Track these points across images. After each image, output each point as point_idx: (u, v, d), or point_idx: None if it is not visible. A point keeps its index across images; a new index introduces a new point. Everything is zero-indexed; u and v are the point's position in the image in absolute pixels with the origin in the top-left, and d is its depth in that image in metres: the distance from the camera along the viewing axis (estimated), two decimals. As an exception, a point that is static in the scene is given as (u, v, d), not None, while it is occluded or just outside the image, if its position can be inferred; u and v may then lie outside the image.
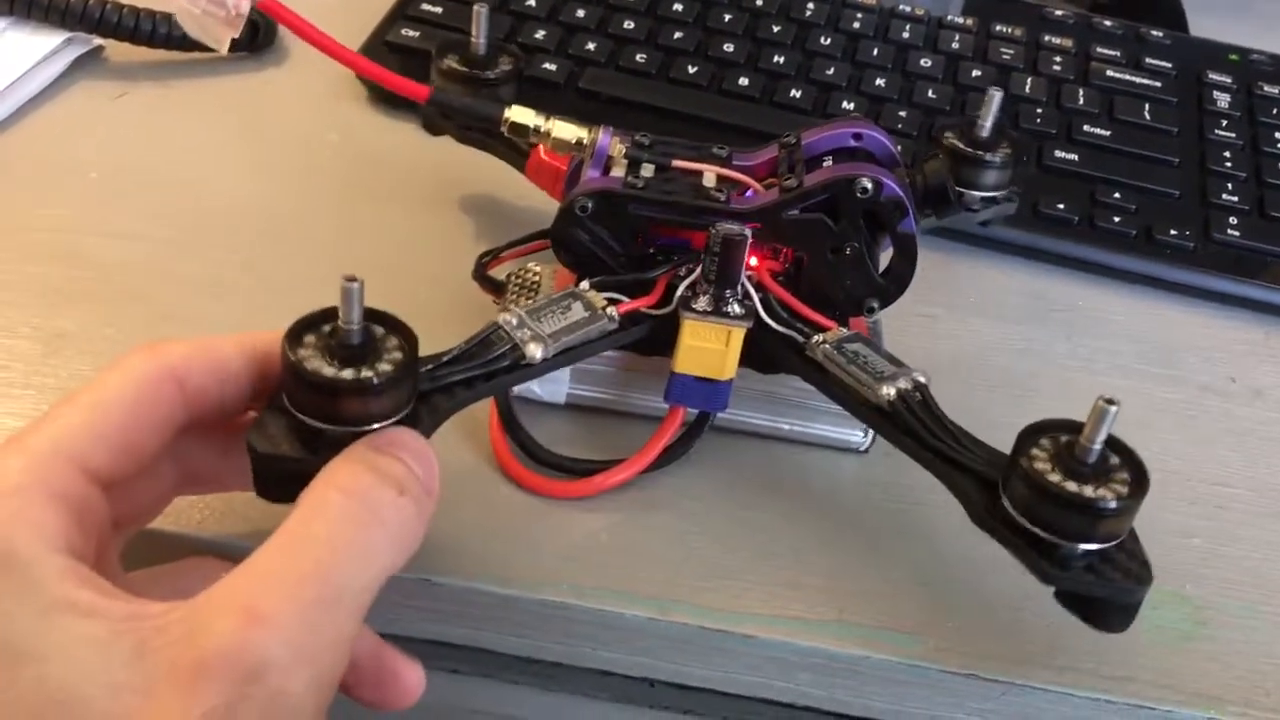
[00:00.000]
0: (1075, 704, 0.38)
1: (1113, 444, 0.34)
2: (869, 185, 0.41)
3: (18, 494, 0.29)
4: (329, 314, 0.33)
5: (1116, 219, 0.56)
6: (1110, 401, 0.33)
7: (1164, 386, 0.50)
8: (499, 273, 0.47)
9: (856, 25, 0.65)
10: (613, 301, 0.40)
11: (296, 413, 0.32)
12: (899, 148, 0.44)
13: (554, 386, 0.44)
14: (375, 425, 0.32)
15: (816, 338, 0.40)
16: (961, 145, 0.46)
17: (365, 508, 0.30)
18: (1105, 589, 0.34)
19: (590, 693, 0.45)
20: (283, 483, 0.32)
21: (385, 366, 0.32)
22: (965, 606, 0.40)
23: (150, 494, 0.35)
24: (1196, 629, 0.41)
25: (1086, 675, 0.39)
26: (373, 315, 0.33)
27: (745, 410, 0.44)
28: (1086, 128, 0.60)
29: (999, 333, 0.52)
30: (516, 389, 0.43)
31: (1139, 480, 0.34)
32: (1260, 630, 0.41)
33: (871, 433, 0.44)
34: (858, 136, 0.43)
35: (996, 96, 0.45)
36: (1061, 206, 0.56)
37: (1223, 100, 0.63)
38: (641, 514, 0.42)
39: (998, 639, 0.39)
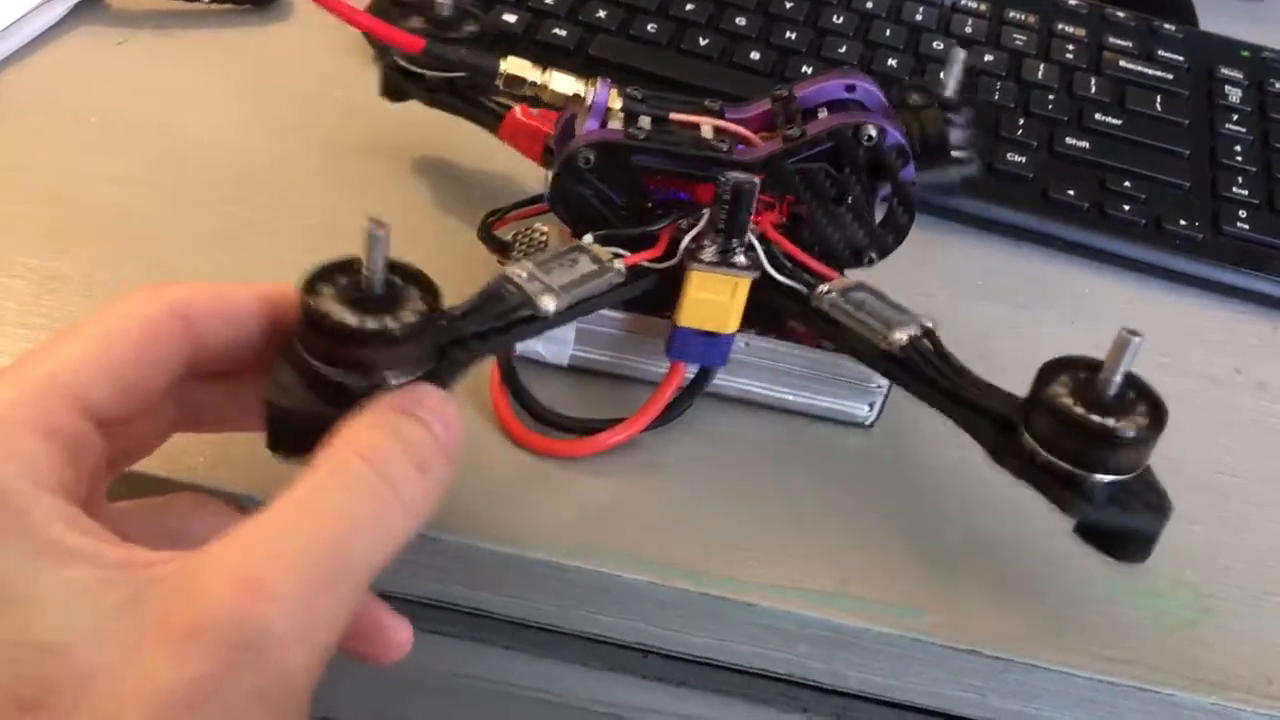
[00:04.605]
0: (1077, 684, 0.38)
1: (1130, 380, 0.34)
2: (873, 132, 0.41)
3: (9, 428, 0.28)
4: (345, 265, 0.31)
5: (1126, 208, 0.55)
6: (1133, 333, 0.32)
7: (1169, 376, 0.49)
8: (504, 233, 0.46)
9: (870, 5, 0.64)
10: (617, 255, 0.39)
11: (314, 363, 0.31)
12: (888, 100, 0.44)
13: (558, 348, 0.43)
14: (395, 380, 0.31)
15: (821, 288, 0.39)
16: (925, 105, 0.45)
17: (387, 483, 0.29)
18: (1130, 520, 0.34)
19: (583, 661, 0.45)
20: (298, 437, 0.30)
21: (409, 317, 0.31)
22: (969, 582, 0.40)
23: (149, 432, 0.33)
24: (1200, 615, 0.40)
25: (1089, 656, 0.38)
26: (391, 265, 0.31)
27: (751, 380, 0.44)
28: (1098, 116, 0.59)
29: (1003, 317, 0.51)
30: (520, 349, 0.43)
31: (1158, 412, 0.34)
32: (1263, 618, 0.41)
33: (876, 407, 0.44)
34: (850, 88, 0.43)
35: (960, 55, 0.45)
36: (1071, 193, 0.55)
37: (1234, 95, 0.63)
38: (644, 479, 0.41)
39: (1001, 616, 0.39)
